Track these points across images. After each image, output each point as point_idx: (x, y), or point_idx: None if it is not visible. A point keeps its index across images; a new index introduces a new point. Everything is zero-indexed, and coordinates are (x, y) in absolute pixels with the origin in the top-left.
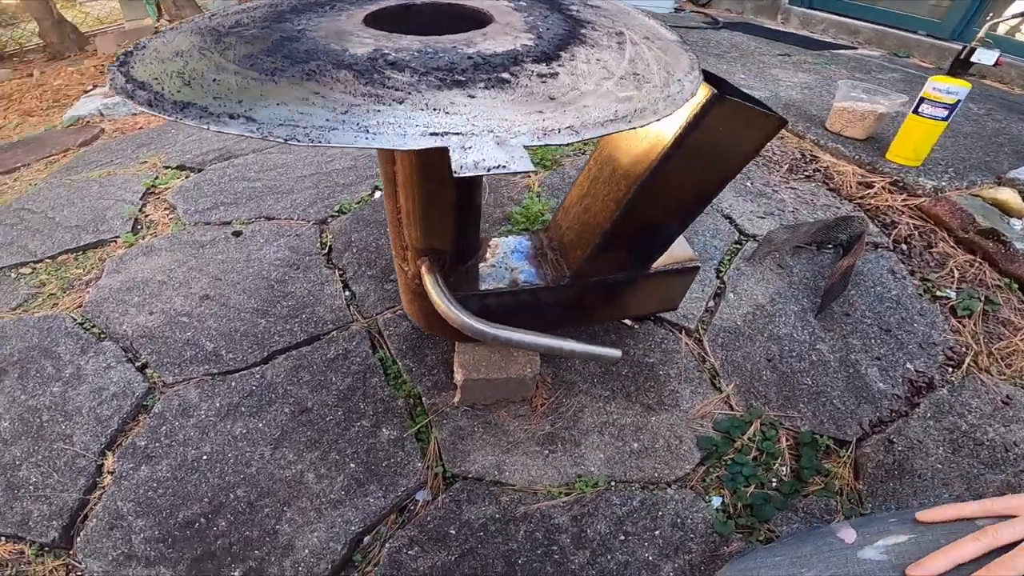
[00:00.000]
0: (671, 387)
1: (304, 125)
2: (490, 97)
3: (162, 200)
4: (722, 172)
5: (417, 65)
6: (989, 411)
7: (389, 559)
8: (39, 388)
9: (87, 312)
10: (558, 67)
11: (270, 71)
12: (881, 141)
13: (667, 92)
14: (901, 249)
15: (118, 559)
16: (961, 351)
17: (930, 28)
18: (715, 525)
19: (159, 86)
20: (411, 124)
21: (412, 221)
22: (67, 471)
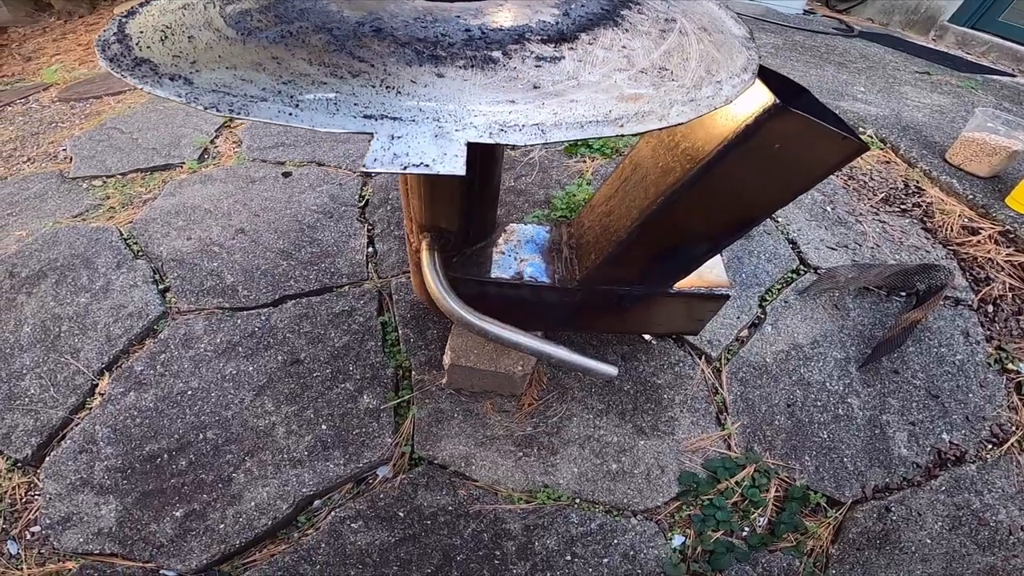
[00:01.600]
0: (671, 413)
1: (236, 93)
2: (461, 78)
3: (234, 134)
4: (774, 196)
5: (401, 35)
6: (1012, 493)
7: (330, 528)
8: (69, 297)
9: (135, 228)
10: (568, 50)
11: (247, 30)
12: (1006, 182)
13: (693, 95)
14: (985, 310)
15: (75, 484)
16: (1010, 429)
17: None
18: (667, 566)
19: (137, 40)
20: (349, 103)
21: (416, 195)
22: (64, 387)
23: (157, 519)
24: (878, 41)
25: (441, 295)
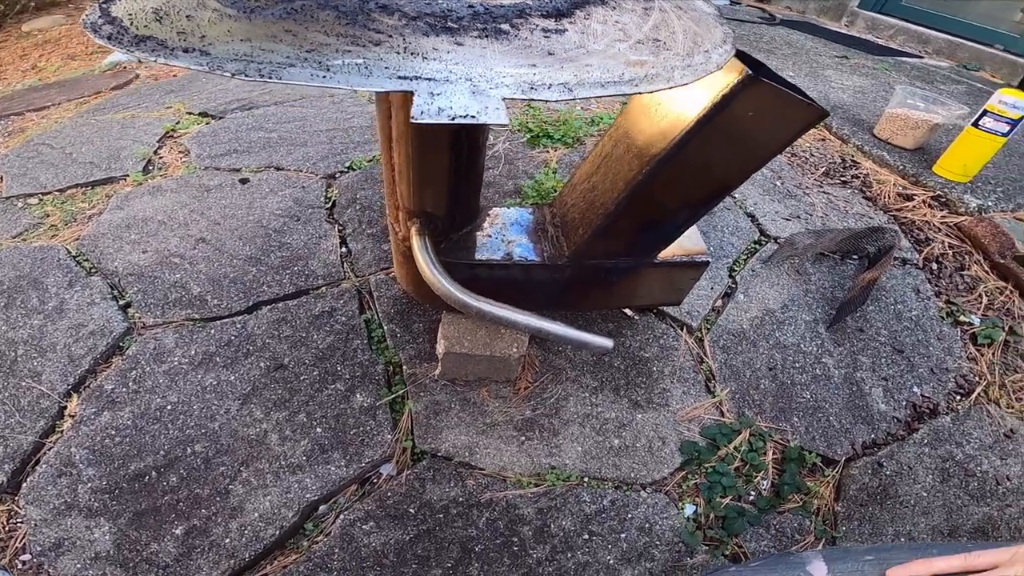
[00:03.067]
0: (663, 385)
1: (260, 61)
2: (480, 46)
3: (178, 144)
4: (746, 162)
5: (410, 10)
6: (989, 443)
7: (341, 532)
8: (20, 320)
9: (83, 245)
10: (568, 24)
11: (249, 9)
12: (931, 153)
13: (688, 61)
14: (931, 268)
15: (59, 508)
16: (974, 380)
17: (1008, 43)
18: (683, 534)
19: (129, 21)
20: (380, 66)
21: (405, 180)
22: (29, 412)
23: (157, 538)
24: (798, 28)
25: (436, 278)
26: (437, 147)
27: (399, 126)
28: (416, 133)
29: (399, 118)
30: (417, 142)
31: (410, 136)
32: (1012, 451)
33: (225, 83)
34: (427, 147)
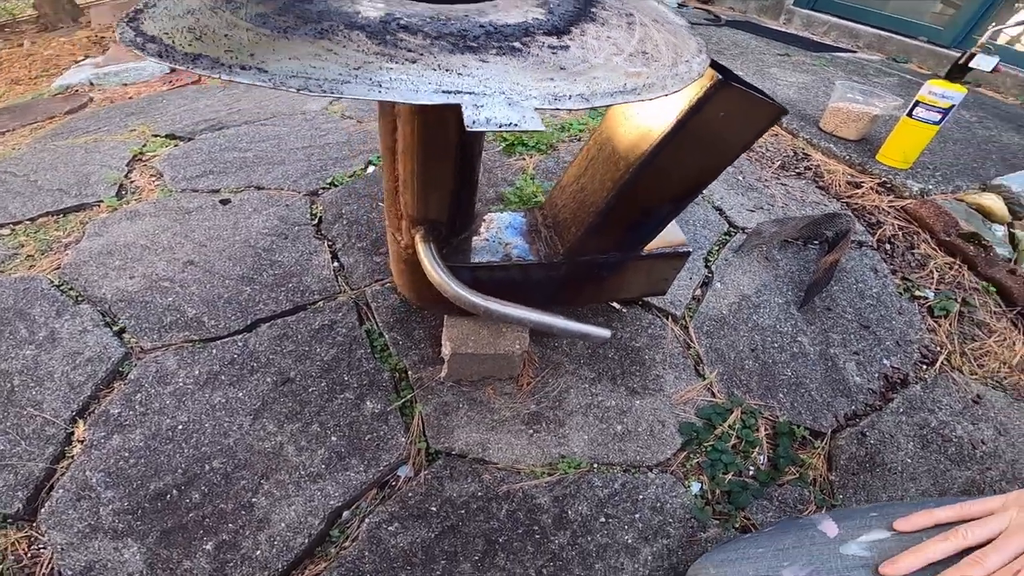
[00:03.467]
0: (656, 372)
1: (316, 77)
2: (502, 63)
3: (149, 167)
4: (720, 158)
5: (429, 30)
6: (959, 408)
7: (368, 535)
8: (11, 351)
9: (65, 274)
10: (568, 41)
11: (282, 29)
12: (873, 143)
13: (675, 71)
14: (884, 249)
15: (83, 531)
16: (936, 350)
17: (931, 34)
18: (693, 511)
19: (169, 40)
20: (424, 82)
21: (409, 190)
22: (35, 439)
23: (188, 555)
24: (741, 28)
25: (445, 282)
26: (442, 157)
27: (405, 139)
28: (422, 145)
29: (405, 131)
30: (422, 153)
31: (416, 148)
32: (982, 416)
33: (189, 104)
34: (432, 157)
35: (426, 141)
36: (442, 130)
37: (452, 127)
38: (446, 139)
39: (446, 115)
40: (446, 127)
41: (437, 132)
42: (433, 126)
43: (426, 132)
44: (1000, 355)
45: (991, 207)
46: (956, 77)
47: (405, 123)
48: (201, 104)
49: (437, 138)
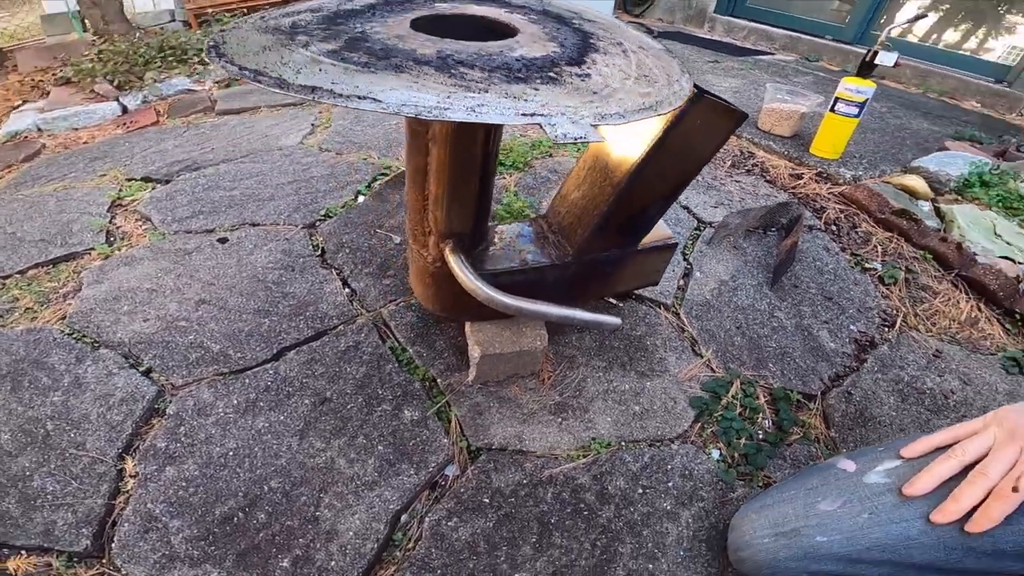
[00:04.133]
0: (659, 355)
1: (424, 105)
2: (549, 90)
3: (132, 211)
4: (698, 160)
5: (481, 65)
6: (924, 364)
7: (431, 532)
8: (36, 399)
9: (74, 323)
10: (588, 69)
11: (363, 64)
12: (804, 138)
13: (672, 89)
14: (831, 230)
15: (160, 561)
16: (893, 313)
17: (835, 32)
18: (719, 474)
19: (273, 71)
20: (504, 107)
21: (440, 205)
22: (86, 478)
23: (267, 574)
24: (672, 38)
25: (477, 286)
26: (469, 175)
27: (439, 159)
28: (454, 164)
29: (440, 152)
30: (453, 172)
31: (448, 167)
32: (945, 368)
33: (156, 146)
34: (461, 175)
35: (458, 161)
36: (471, 151)
37: (478, 147)
38: (473, 158)
39: (475, 137)
40: (474, 148)
41: (467, 153)
42: (464, 148)
43: (458, 153)
44: (948, 313)
45: (914, 186)
46: (865, 73)
47: (440, 146)
48: (169, 145)
49: (467, 158)
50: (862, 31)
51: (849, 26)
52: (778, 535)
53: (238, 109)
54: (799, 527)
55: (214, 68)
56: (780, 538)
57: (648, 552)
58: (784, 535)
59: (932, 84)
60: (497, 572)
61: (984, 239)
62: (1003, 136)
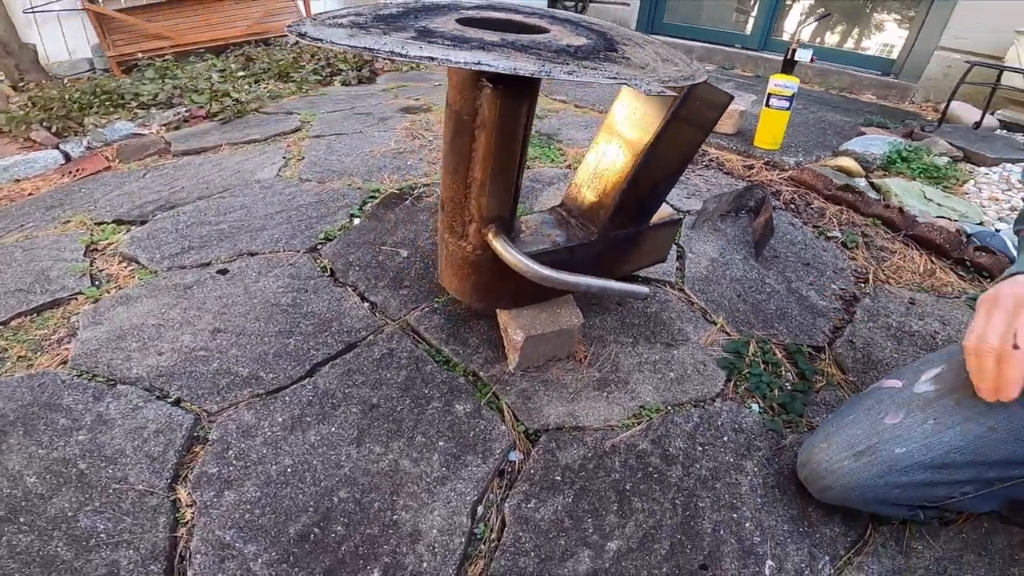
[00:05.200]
0: (677, 326)
1: (527, 68)
2: (611, 65)
3: (113, 254)
4: (699, 138)
5: (543, 48)
6: (904, 311)
7: (514, 517)
8: (58, 440)
9: (80, 365)
10: (625, 54)
11: (451, 45)
12: (746, 134)
13: (693, 68)
14: (791, 208)
15: None
16: (863, 271)
17: (743, 41)
18: (766, 424)
19: (387, 48)
20: (596, 74)
21: (485, 191)
22: (139, 512)
23: None
24: None
25: (524, 263)
26: (511, 159)
27: (487, 146)
28: (501, 150)
29: (488, 139)
30: (497, 157)
31: (495, 153)
32: (922, 313)
33: (118, 189)
34: (504, 160)
35: (503, 145)
36: (515, 135)
37: (521, 132)
38: (515, 144)
39: (518, 122)
40: (517, 132)
41: (511, 137)
42: (509, 132)
43: (503, 138)
44: (908, 267)
45: (848, 166)
46: (788, 69)
47: (488, 131)
48: (132, 188)
49: (510, 143)
50: (765, 38)
51: (754, 34)
52: (857, 455)
53: (198, 149)
54: (874, 444)
55: (158, 112)
56: (860, 457)
57: (727, 503)
58: (863, 454)
59: (832, 82)
60: (589, 543)
61: (919, 203)
62: (905, 120)
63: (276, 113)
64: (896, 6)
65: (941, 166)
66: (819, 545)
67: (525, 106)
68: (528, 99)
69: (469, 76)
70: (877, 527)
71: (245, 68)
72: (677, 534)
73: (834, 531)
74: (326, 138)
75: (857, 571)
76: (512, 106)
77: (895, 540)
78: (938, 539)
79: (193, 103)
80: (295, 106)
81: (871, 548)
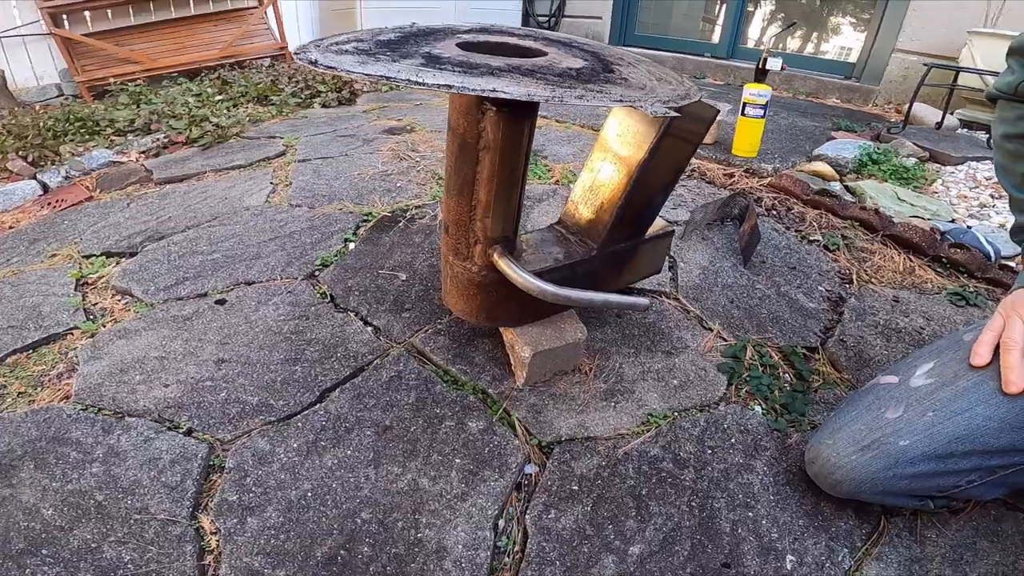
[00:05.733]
0: (676, 335)
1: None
2: (613, 87)
3: (105, 287)
4: (690, 151)
5: (547, 72)
6: (889, 308)
7: (536, 528)
8: (71, 473)
9: (84, 399)
10: (622, 75)
11: (463, 72)
12: (724, 143)
13: (687, 86)
14: (773, 214)
15: None
16: (847, 272)
17: (712, 50)
18: (771, 424)
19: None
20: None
21: (490, 212)
22: (163, 542)
23: None
24: None
25: (531, 282)
26: (514, 180)
27: (492, 166)
28: (504, 171)
29: (492, 159)
30: (501, 179)
31: (499, 174)
32: (907, 310)
33: (105, 220)
34: (508, 182)
35: (506, 168)
36: (518, 157)
37: (522, 153)
38: (518, 166)
39: (521, 144)
40: (520, 153)
41: (514, 160)
42: (513, 155)
43: (506, 160)
44: (888, 266)
45: (823, 171)
46: (760, 78)
47: (492, 153)
48: (118, 219)
49: (513, 165)
50: (733, 46)
51: (722, 43)
52: (863, 449)
53: (180, 176)
54: (878, 437)
55: (135, 138)
56: (866, 451)
57: (742, 502)
58: (868, 447)
59: (798, 87)
60: (612, 549)
61: (892, 204)
62: (871, 123)
63: (258, 137)
64: (852, 9)
65: (910, 167)
66: (836, 538)
67: (527, 127)
68: (530, 120)
69: (473, 100)
70: (889, 519)
71: (222, 92)
72: (697, 535)
73: (848, 524)
74: (312, 162)
75: (876, 561)
76: (516, 128)
77: (908, 530)
78: (949, 527)
79: (172, 128)
80: (277, 129)
81: (886, 539)
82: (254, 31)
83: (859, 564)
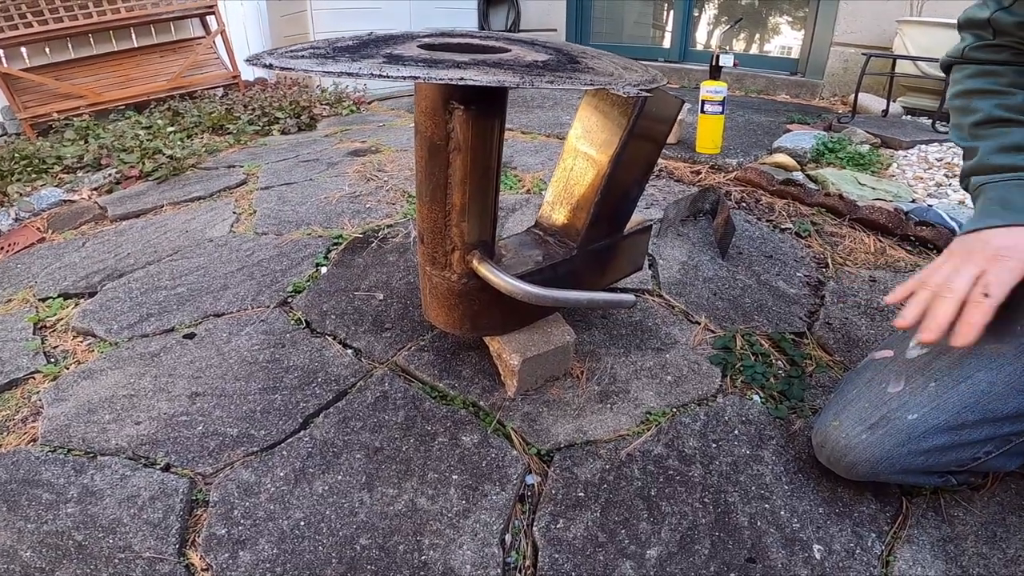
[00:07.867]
0: (664, 331)
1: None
2: (582, 75)
3: (65, 329)
4: (659, 143)
5: (513, 65)
6: (867, 289)
7: (545, 539)
8: (46, 514)
9: (51, 441)
10: (589, 65)
11: (427, 66)
12: (688, 141)
13: (651, 73)
14: (743, 206)
15: None
16: (822, 257)
17: (664, 55)
18: (772, 413)
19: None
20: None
21: (465, 216)
22: None
23: None
24: None
25: (514, 285)
26: (487, 181)
27: (464, 167)
28: (477, 171)
29: (464, 160)
30: (474, 180)
31: (471, 175)
32: (885, 288)
33: (59, 261)
34: (482, 183)
35: (478, 168)
36: (489, 156)
37: (494, 153)
38: (490, 165)
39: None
40: (491, 153)
41: (487, 159)
42: (485, 154)
43: (478, 160)
44: (860, 248)
45: (784, 162)
46: (715, 75)
47: (463, 154)
48: (73, 259)
49: (486, 165)
50: (684, 50)
51: (673, 48)
52: (871, 427)
53: (137, 212)
54: (885, 413)
55: (85, 175)
56: (875, 429)
57: (756, 494)
58: (877, 425)
59: (749, 85)
60: (628, 554)
61: (855, 189)
62: (821, 115)
63: (217, 168)
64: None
65: (865, 153)
66: (861, 524)
67: (497, 124)
68: (498, 117)
69: (439, 100)
70: (911, 500)
71: (173, 123)
72: (715, 532)
73: (871, 508)
74: (276, 189)
75: (908, 544)
76: (485, 125)
77: (934, 510)
78: (975, 505)
79: (123, 163)
80: (236, 159)
81: (913, 521)
82: (203, 61)
83: (890, 548)
